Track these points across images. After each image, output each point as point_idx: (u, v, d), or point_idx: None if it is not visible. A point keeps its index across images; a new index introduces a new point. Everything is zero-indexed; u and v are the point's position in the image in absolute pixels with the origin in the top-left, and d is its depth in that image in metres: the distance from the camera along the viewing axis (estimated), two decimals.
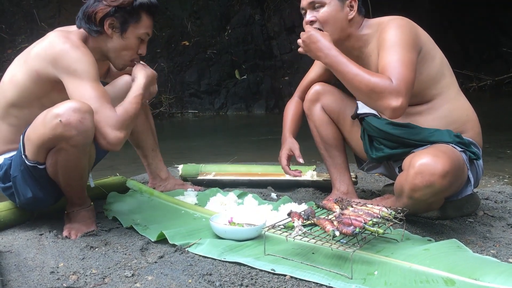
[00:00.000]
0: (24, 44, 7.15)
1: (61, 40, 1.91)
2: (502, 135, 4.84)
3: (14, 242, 1.89)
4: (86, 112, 1.77)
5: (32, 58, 1.93)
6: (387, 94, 1.76)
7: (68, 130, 1.74)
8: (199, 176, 2.77)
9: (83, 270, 1.63)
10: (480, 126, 2.08)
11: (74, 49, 1.88)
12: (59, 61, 1.87)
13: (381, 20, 2.03)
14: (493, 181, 3.06)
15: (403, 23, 1.94)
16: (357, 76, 1.82)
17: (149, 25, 2.05)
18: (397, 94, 1.76)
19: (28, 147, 1.83)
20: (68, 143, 1.78)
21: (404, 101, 1.77)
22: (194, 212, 2.23)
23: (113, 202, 2.34)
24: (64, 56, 1.87)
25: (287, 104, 2.44)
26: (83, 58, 1.88)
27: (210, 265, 1.64)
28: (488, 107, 7.08)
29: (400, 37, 1.89)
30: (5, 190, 2.01)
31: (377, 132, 2.08)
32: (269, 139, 5.73)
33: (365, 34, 2.05)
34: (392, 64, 1.82)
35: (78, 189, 1.99)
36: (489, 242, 1.88)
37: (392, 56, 1.84)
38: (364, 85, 1.80)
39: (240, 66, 8.29)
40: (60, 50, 1.88)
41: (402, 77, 1.79)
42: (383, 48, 1.90)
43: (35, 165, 1.86)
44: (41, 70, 1.91)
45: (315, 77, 2.36)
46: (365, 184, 2.89)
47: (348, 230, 1.60)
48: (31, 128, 1.83)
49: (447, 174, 1.75)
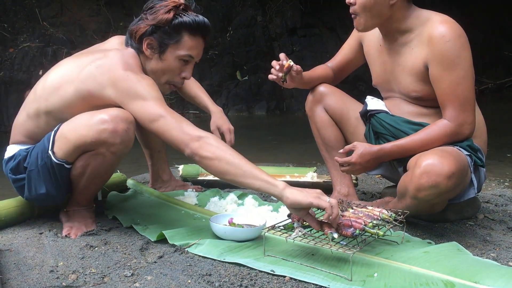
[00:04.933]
0: (26, 43, 7.16)
1: (121, 66, 1.81)
2: (503, 139, 4.84)
3: (14, 241, 1.89)
4: (131, 123, 1.79)
5: (86, 77, 1.83)
6: (455, 135, 1.91)
7: (113, 137, 1.76)
8: (199, 176, 2.77)
9: (83, 269, 1.63)
10: (487, 135, 2.09)
11: (134, 74, 1.81)
12: (119, 85, 1.79)
13: (430, 16, 1.95)
14: (494, 185, 3.06)
15: (459, 33, 1.89)
16: (425, 144, 1.93)
17: (193, 46, 1.92)
18: (462, 127, 1.90)
19: (61, 144, 1.82)
20: (108, 149, 1.79)
21: (470, 125, 1.91)
22: (194, 212, 2.23)
23: (113, 201, 2.34)
24: (125, 80, 1.79)
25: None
26: (143, 82, 1.80)
27: (209, 265, 1.64)
28: (489, 110, 7.06)
29: (458, 51, 1.87)
30: (16, 181, 1.98)
31: (388, 130, 2.08)
32: (270, 140, 5.74)
33: (410, 23, 1.98)
34: (450, 90, 1.89)
35: (93, 192, 2.02)
36: (489, 245, 1.88)
37: (449, 79, 1.89)
38: (437, 144, 1.92)
39: (242, 67, 8.29)
40: (121, 76, 1.80)
41: (462, 105, 1.89)
42: (439, 65, 1.89)
43: (62, 164, 1.84)
44: (95, 91, 1.82)
45: (347, 53, 2.34)
46: (365, 186, 2.89)
47: (348, 232, 1.60)
48: (71, 127, 1.81)
49: (452, 176, 1.75)
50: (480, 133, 2.06)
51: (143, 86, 1.79)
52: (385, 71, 2.12)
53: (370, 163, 2.01)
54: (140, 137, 2.53)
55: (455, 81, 1.88)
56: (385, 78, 2.14)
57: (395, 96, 2.13)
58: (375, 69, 2.19)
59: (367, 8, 1.96)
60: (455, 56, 1.87)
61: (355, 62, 2.35)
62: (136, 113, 1.79)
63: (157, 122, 1.75)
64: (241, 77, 8.28)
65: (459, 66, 1.87)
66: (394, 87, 2.09)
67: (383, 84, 2.17)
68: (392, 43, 2.05)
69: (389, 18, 1.98)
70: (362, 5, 1.96)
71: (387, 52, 2.09)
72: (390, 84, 2.12)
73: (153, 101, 1.77)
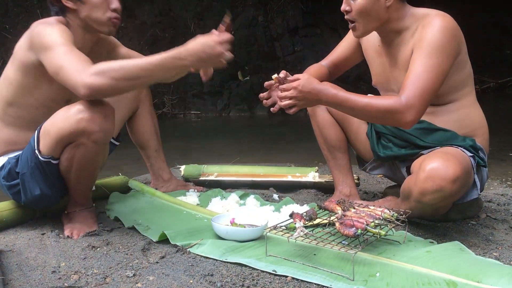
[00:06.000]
0: None
1: (36, 24, 1.89)
2: (505, 138, 4.83)
3: (16, 242, 1.90)
4: (109, 110, 1.82)
5: (16, 51, 1.94)
6: (399, 113, 1.80)
7: (91, 125, 1.78)
8: (201, 176, 2.77)
9: (85, 270, 1.63)
10: (488, 134, 2.08)
11: (45, 27, 1.86)
12: (35, 42, 1.85)
13: (426, 12, 1.94)
14: (496, 184, 3.05)
15: (449, 25, 1.87)
16: (366, 106, 1.83)
17: None
18: (409, 109, 1.79)
19: (45, 141, 1.84)
20: (89, 138, 1.81)
21: (417, 113, 1.81)
22: (196, 212, 2.22)
23: (115, 202, 2.35)
24: (38, 35, 1.85)
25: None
26: (54, 31, 1.84)
27: (211, 265, 1.64)
28: (491, 109, 7.05)
29: (441, 41, 1.83)
30: (10, 188, 2.00)
31: (389, 129, 2.08)
32: (272, 140, 5.74)
33: (406, 22, 1.97)
34: (416, 74, 1.82)
35: (86, 188, 2.01)
36: (492, 244, 1.88)
37: (421, 63, 1.83)
38: (375, 112, 1.83)
39: (243, 68, 8.29)
40: (35, 32, 1.86)
41: (419, 91, 1.80)
42: (418, 48, 1.86)
43: (49, 160, 1.87)
44: (25, 59, 1.91)
45: (344, 51, 2.30)
46: (367, 186, 2.89)
47: (350, 232, 1.60)
48: (50, 122, 1.85)
49: (457, 179, 1.74)
50: (482, 132, 2.05)
51: (53, 35, 1.83)
52: (384, 72, 2.12)
53: (309, 95, 1.85)
54: (135, 139, 2.54)
55: (425, 67, 1.82)
56: (385, 78, 2.13)
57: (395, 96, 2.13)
58: (375, 69, 2.19)
59: (364, 14, 1.94)
60: (436, 45, 1.83)
61: (352, 59, 2.32)
62: (47, 67, 1.81)
63: (58, 75, 1.77)
64: (243, 77, 8.28)
65: (436, 56, 1.83)
66: (394, 87, 2.09)
67: (382, 84, 2.17)
68: (390, 44, 2.04)
69: (386, 20, 1.97)
70: (359, 11, 1.94)
71: (385, 52, 2.09)
72: (390, 84, 2.11)
73: (59, 47, 1.78)
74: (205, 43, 1.69)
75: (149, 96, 2.54)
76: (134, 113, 2.49)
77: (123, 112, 2.40)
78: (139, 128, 2.50)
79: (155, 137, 2.56)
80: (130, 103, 2.43)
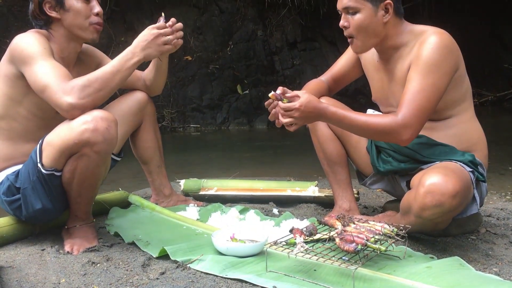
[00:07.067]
0: None
1: (16, 37, 1.94)
2: (504, 152, 4.83)
3: (16, 258, 1.89)
4: (112, 121, 1.85)
5: (0, 65, 1.99)
6: (395, 132, 1.86)
7: (95, 136, 1.80)
8: (201, 191, 2.77)
9: (85, 286, 1.63)
10: (487, 149, 2.09)
11: (22, 38, 1.92)
12: (14, 55, 1.91)
13: (424, 29, 1.96)
14: (495, 198, 3.05)
15: (445, 43, 1.89)
16: (364, 125, 1.89)
17: None
18: (405, 129, 1.85)
19: (48, 153, 1.86)
20: (92, 149, 1.82)
21: (414, 132, 1.87)
22: (196, 227, 2.22)
23: (115, 217, 2.34)
24: (16, 48, 1.91)
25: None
26: (31, 42, 1.90)
27: (211, 281, 1.64)
28: (490, 123, 7.08)
29: (437, 60, 1.86)
30: (11, 203, 2.00)
31: (389, 144, 2.08)
32: (271, 154, 5.74)
33: (404, 38, 1.99)
34: (412, 93, 1.86)
35: (87, 201, 2.01)
36: (492, 260, 1.87)
37: (417, 82, 1.86)
38: (373, 130, 1.89)
39: (242, 81, 8.32)
40: (13, 44, 1.92)
41: (415, 110, 1.85)
42: (415, 66, 1.89)
43: (52, 173, 1.88)
44: (8, 72, 1.95)
45: (344, 66, 2.32)
46: (367, 200, 2.89)
47: (350, 248, 1.60)
48: (53, 134, 1.87)
49: (457, 194, 1.75)
50: (481, 147, 2.07)
51: (32, 46, 1.89)
52: (383, 87, 2.14)
53: (311, 115, 1.87)
54: (138, 154, 2.54)
55: (422, 86, 1.85)
56: (384, 93, 2.15)
57: (395, 111, 2.14)
58: (374, 85, 2.20)
59: (362, 29, 1.96)
60: (432, 64, 1.86)
61: (352, 75, 2.33)
62: (30, 81, 1.88)
63: (43, 94, 1.85)
64: (242, 91, 8.30)
65: (432, 75, 1.85)
66: (393, 102, 2.10)
67: (382, 99, 2.18)
68: (388, 60, 2.06)
69: (384, 36, 1.99)
70: (357, 27, 1.96)
71: (383, 68, 2.10)
72: (389, 100, 2.13)
73: (40, 62, 1.85)
74: (140, 34, 1.92)
75: (153, 111, 2.53)
76: (137, 127, 2.49)
77: (126, 128, 2.39)
78: (143, 144, 2.50)
79: (158, 153, 2.55)
80: (133, 117, 2.41)
